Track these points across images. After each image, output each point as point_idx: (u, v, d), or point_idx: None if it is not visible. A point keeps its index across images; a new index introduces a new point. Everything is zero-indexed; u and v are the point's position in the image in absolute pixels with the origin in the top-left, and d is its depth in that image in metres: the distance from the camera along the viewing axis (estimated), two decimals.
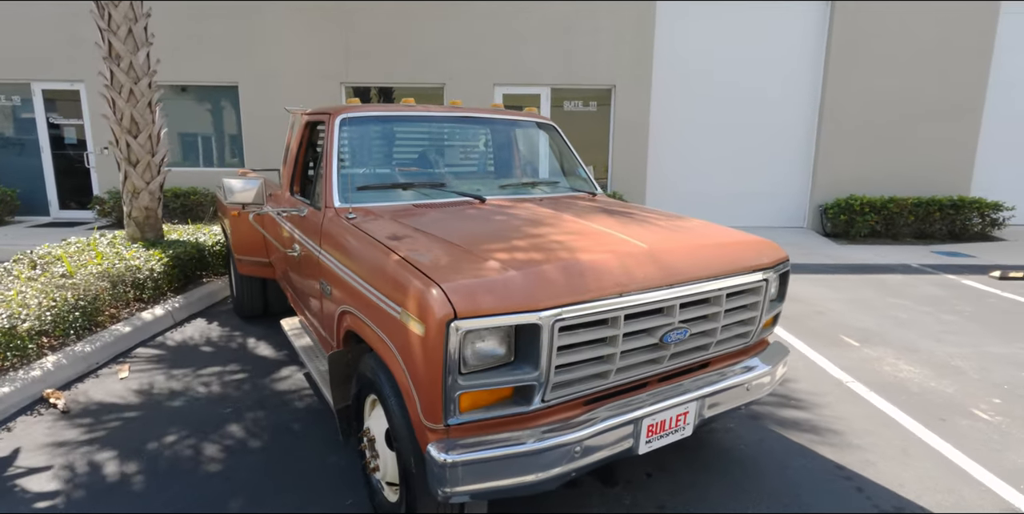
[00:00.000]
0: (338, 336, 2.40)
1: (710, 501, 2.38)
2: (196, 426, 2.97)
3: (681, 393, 2.02)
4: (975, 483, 2.54)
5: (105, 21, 4.88)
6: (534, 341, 1.65)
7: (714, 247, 2.14)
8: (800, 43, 8.85)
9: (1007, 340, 4.36)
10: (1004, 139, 9.11)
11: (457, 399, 1.62)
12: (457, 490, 1.65)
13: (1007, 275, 6.36)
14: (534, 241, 2.02)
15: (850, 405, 3.29)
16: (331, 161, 2.67)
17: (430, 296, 1.59)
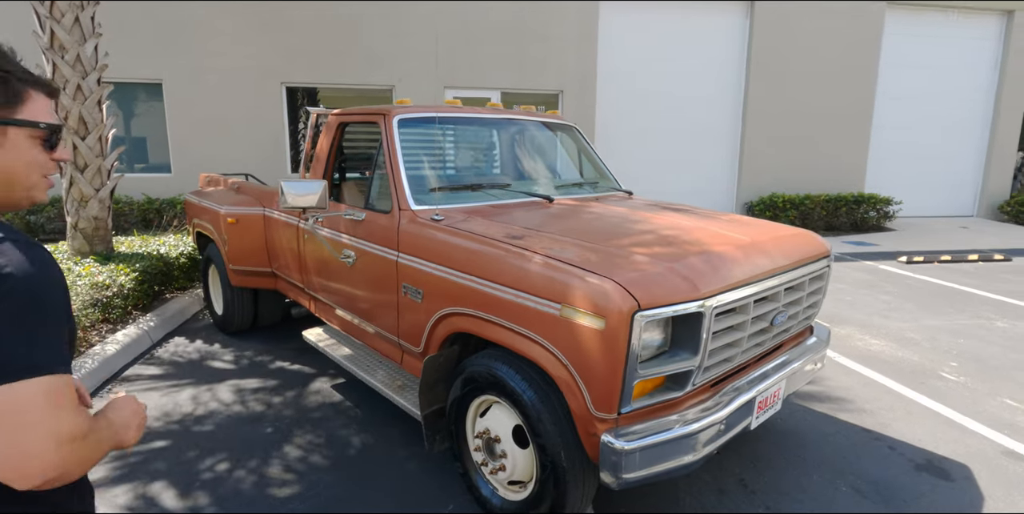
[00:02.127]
0: (430, 341, 2.37)
1: (781, 470, 2.63)
2: (243, 450, 2.76)
3: (777, 371, 2.24)
4: (971, 432, 3.00)
5: (47, 8, 4.33)
6: (693, 329, 1.77)
7: (790, 238, 2.37)
8: (726, 56, 9.67)
9: (936, 314, 5.10)
10: (889, 142, 10.52)
11: (631, 388, 1.70)
12: (630, 476, 1.73)
13: (912, 260, 7.38)
14: (648, 237, 2.14)
15: (846, 377, 3.72)
16: (397, 163, 2.61)
17: (609, 291, 1.66)
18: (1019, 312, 5.13)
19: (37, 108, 0.90)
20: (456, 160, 3.02)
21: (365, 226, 2.71)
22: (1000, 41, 10.54)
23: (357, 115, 3.03)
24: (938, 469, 2.66)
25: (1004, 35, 10.48)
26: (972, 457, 2.76)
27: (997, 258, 7.50)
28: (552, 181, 3.18)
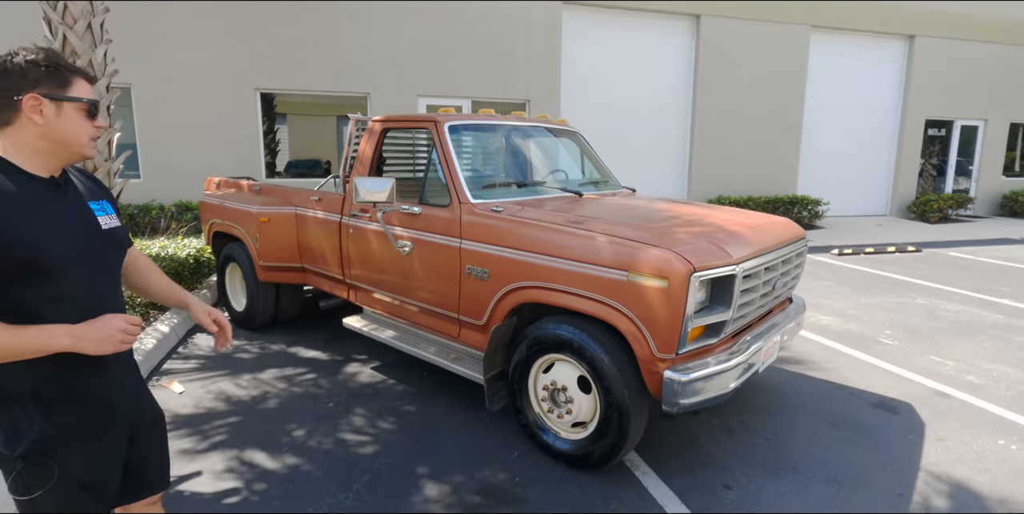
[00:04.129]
0: (494, 313, 2.80)
1: (772, 414, 3.23)
2: (313, 421, 3.08)
3: (775, 327, 2.83)
4: (909, 380, 3.73)
5: (60, 14, 4.42)
6: (727, 288, 2.32)
7: (778, 223, 2.99)
8: (676, 69, 10.57)
9: (869, 294, 5.98)
10: (816, 150, 11.77)
11: (688, 333, 2.22)
12: (686, 402, 2.25)
13: (842, 252, 8.43)
14: (677, 221, 2.69)
15: (807, 344, 4.42)
16: (452, 163, 3.04)
17: (672, 259, 2.18)
18: (933, 291, 6.11)
19: (81, 89, 1.27)
20: (494, 161, 3.46)
21: (423, 219, 3.11)
22: (904, 62, 12.06)
23: (402, 122, 3.42)
24: (889, 406, 3.35)
25: (907, 57, 12.00)
26: (912, 397, 3.48)
27: (910, 249, 8.68)
28: (570, 179, 3.68)
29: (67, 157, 1.30)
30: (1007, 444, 2.94)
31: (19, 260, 1.16)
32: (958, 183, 13.22)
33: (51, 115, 1.24)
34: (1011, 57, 12.69)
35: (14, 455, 1.22)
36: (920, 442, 2.94)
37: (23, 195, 1.20)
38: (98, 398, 1.34)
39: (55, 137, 1.25)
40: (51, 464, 1.25)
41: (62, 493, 1.28)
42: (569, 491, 2.49)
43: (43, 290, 1.22)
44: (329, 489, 2.46)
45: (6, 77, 1.21)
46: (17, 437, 1.22)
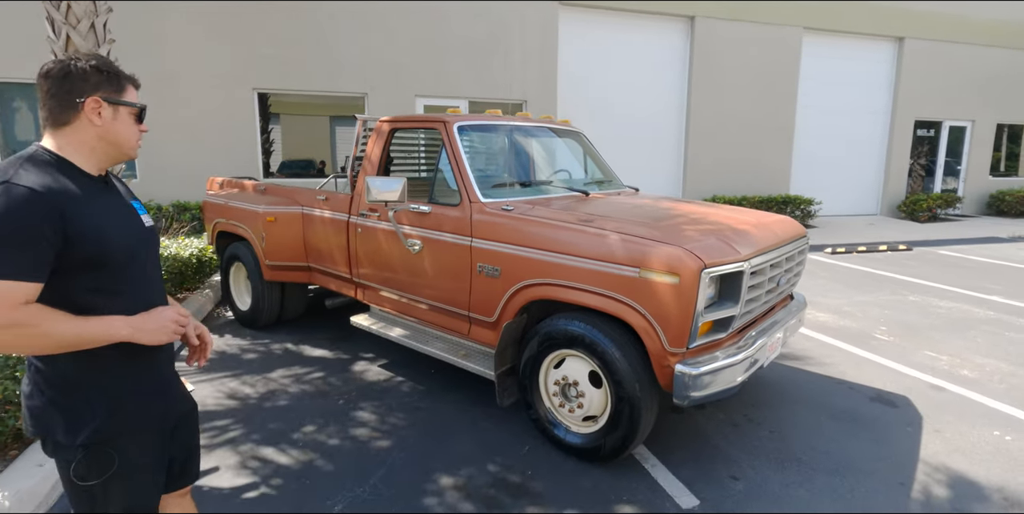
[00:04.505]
0: (505, 310, 2.86)
1: (775, 408, 3.31)
2: (324, 417, 3.11)
3: (778, 323, 2.90)
4: (905, 374, 3.82)
5: (63, 13, 4.41)
6: (735, 284, 2.39)
7: (780, 222, 3.06)
8: (671, 71, 10.66)
9: (863, 292, 6.10)
10: (808, 150, 11.91)
11: (699, 327, 2.28)
12: (697, 395, 2.31)
13: (835, 251, 8.56)
14: (684, 219, 2.75)
15: (806, 341, 4.51)
16: (462, 163, 3.09)
17: (683, 256, 2.24)
18: (924, 289, 6.23)
19: (132, 95, 1.36)
20: (501, 160, 3.51)
21: (432, 218, 3.15)
22: (893, 64, 12.25)
23: (410, 122, 3.47)
24: (886, 400, 3.44)
25: (896, 59, 12.19)
26: (908, 391, 3.57)
27: (901, 248, 8.82)
28: (574, 178, 3.74)
29: (117, 157, 1.37)
30: (1002, 435, 3.03)
31: (86, 253, 1.21)
32: (946, 183, 13.43)
33: (108, 118, 1.31)
34: (998, 59, 12.91)
35: (75, 444, 1.26)
36: (918, 434, 3.03)
37: (85, 192, 1.25)
38: (151, 389, 1.39)
39: (111, 138, 1.32)
40: (111, 453, 1.30)
41: (120, 482, 1.32)
42: (581, 483, 2.54)
43: (103, 283, 1.27)
44: (346, 483, 2.51)
45: (68, 80, 1.27)
46: (78, 427, 1.27)
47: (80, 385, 1.28)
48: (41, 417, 1.28)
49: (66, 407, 1.27)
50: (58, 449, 1.29)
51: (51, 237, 1.16)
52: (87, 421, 1.27)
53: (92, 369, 1.28)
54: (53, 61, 1.29)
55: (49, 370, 1.27)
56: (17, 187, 1.14)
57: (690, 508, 2.38)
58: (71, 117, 1.28)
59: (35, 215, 1.14)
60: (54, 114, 1.28)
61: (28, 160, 1.23)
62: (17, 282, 1.13)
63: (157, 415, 1.40)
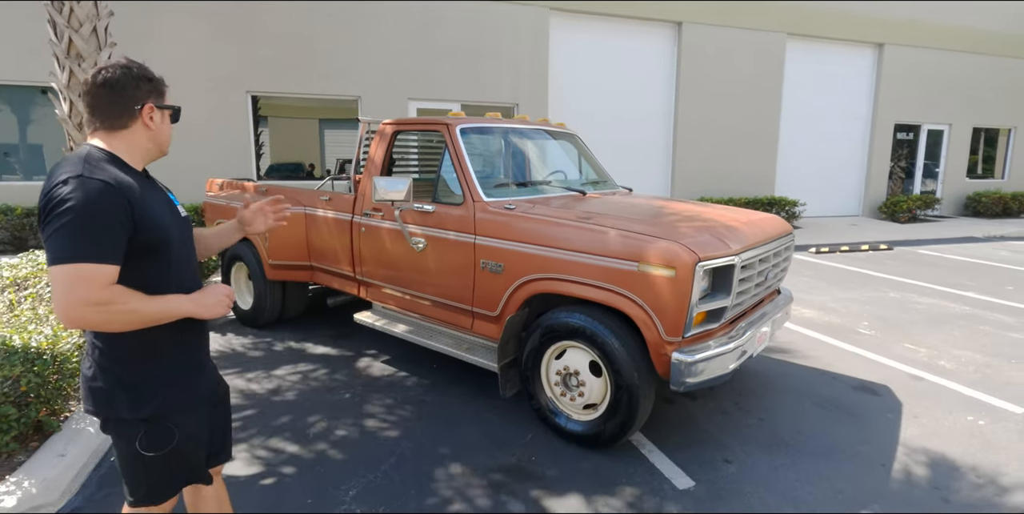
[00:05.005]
0: (508, 304, 2.98)
1: (762, 397, 3.47)
2: (333, 411, 3.21)
3: (767, 315, 3.06)
4: (886, 365, 4.01)
5: (65, 17, 4.48)
6: (726, 277, 2.54)
7: (768, 219, 3.23)
8: (659, 76, 10.89)
9: (846, 289, 6.31)
10: (792, 153, 12.20)
11: (693, 317, 2.43)
12: (692, 381, 2.46)
13: (819, 250, 8.80)
14: (678, 217, 2.90)
15: (791, 335, 4.69)
16: (465, 164, 3.21)
17: (679, 250, 2.39)
18: (904, 286, 6.47)
19: (167, 99, 1.51)
20: (500, 161, 3.65)
21: (436, 217, 3.27)
22: (873, 69, 12.59)
23: (412, 125, 3.59)
24: (869, 389, 3.61)
25: (876, 64, 12.54)
26: (889, 380, 3.75)
27: (882, 248, 9.10)
28: (570, 178, 3.88)
29: (156, 155, 1.52)
30: (975, 420, 3.22)
31: (147, 239, 1.34)
32: (925, 185, 13.81)
33: (158, 121, 1.46)
34: (974, 65, 13.33)
35: (137, 418, 1.38)
36: (898, 419, 3.20)
37: (140, 186, 1.37)
38: (200, 366, 1.52)
39: (158, 139, 1.48)
40: (172, 428, 1.42)
41: (177, 454, 1.44)
42: (582, 467, 2.68)
43: (161, 267, 1.40)
44: (358, 470, 2.61)
45: (127, 90, 1.40)
46: (143, 402, 1.38)
47: (143, 363, 1.40)
48: (106, 396, 1.39)
49: (131, 385, 1.38)
50: (121, 425, 1.40)
51: (124, 223, 1.28)
52: (151, 397, 1.39)
53: (152, 348, 1.40)
54: (107, 70, 1.40)
55: (114, 351, 1.38)
56: (92, 180, 1.26)
57: (686, 488, 2.52)
58: (129, 122, 1.42)
59: (111, 204, 1.26)
60: (111, 119, 1.41)
61: (91, 158, 1.34)
62: (103, 264, 1.25)
63: (206, 390, 1.53)
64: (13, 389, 2.37)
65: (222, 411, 1.64)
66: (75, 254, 1.22)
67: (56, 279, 1.22)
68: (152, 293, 1.34)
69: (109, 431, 1.44)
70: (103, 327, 1.30)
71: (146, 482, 1.46)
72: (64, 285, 1.22)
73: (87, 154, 1.36)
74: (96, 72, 1.40)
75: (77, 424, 2.70)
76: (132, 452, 1.41)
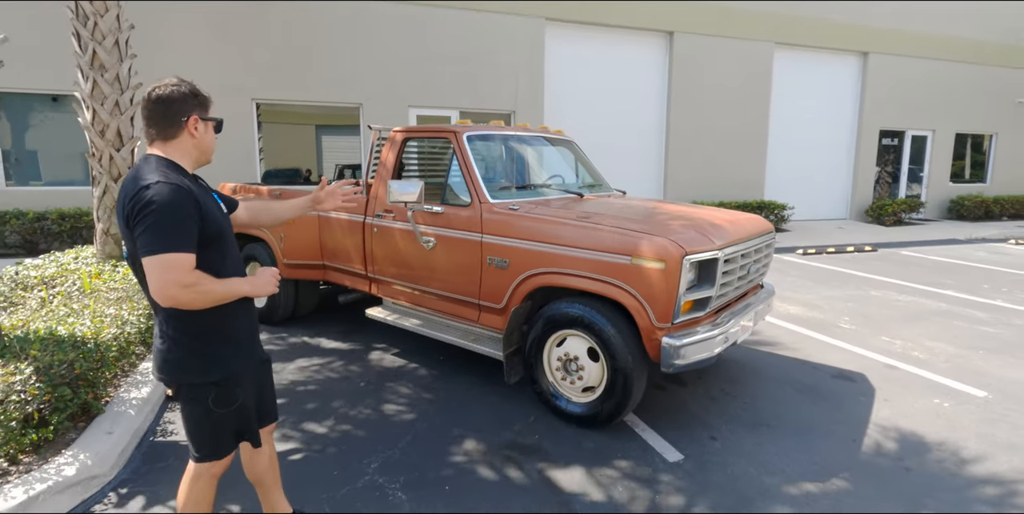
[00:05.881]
0: (512, 297, 3.25)
1: (747, 384, 3.74)
2: (352, 398, 3.46)
3: (749, 306, 3.35)
4: (863, 356, 4.30)
5: (90, 31, 4.74)
6: (711, 270, 2.82)
7: (751, 218, 3.51)
8: (652, 84, 11.23)
9: (831, 288, 6.62)
10: (781, 159, 12.55)
11: (681, 306, 2.70)
12: (680, 362, 2.73)
13: (806, 252, 9.13)
14: (668, 216, 3.18)
15: (776, 330, 4.98)
16: (472, 168, 3.49)
17: (668, 245, 2.67)
18: (886, 285, 6.78)
19: (212, 112, 1.77)
20: (504, 166, 3.92)
21: (445, 217, 3.54)
22: (859, 77, 13.00)
23: (422, 132, 3.86)
24: (846, 377, 3.90)
25: (861, 72, 12.94)
26: (866, 369, 4.04)
27: (867, 249, 9.44)
28: (567, 182, 4.16)
29: (202, 161, 1.80)
30: (941, 402, 3.50)
31: (208, 232, 1.61)
32: (911, 189, 14.20)
33: (202, 131, 1.73)
34: (956, 72, 13.76)
35: (207, 381, 1.64)
36: (871, 402, 3.48)
37: (195, 186, 1.65)
38: (254, 338, 1.82)
39: (202, 147, 1.76)
40: (236, 389, 1.69)
41: (239, 413, 1.72)
42: (583, 444, 2.94)
43: (219, 256, 1.67)
44: (377, 447, 2.86)
45: (176, 104, 1.67)
46: (213, 368, 1.65)
47: (209, 336, 1.66)
48: (180, 365, 1.65)
49: (202, 354, 1.65)
50: (192, 389, 1.66)
51: (195, 218, 1.55)
52: (218, 363, 1.66)
53: (216, 324, 1.67)
54: (160, 88, 1.68)
55: (185, 327, 1.64)
56: (168, 184, 1.53)
57: (676, 461, 2.79)
58: (177, 132, 1.69)
59: (185, 204, 1.53)
60: (164, 129, 1.68)
61: (161, 165, 1.61)
62: (185, 253, 1.51)
63: (257, 357, 1.82)
64: (69, 371, 2.61)
65: (266, 373, 1.92)
66: (165, 246, 1.48)
67: (151, 267, 1.48)
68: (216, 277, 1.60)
69: (181, 396, 1.69)
70: (189, 304, 1.56)
71: (210, 440, 1.72)
72: (159, 271, 1.48)
73: (156, 162, 1.63)
74: (151, 90, 1.68)
75: (118, 407, 2.94)
76: (203, 412, 1.67)
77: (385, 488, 2.52)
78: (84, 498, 2.36)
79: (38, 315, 3.47)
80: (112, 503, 2.38)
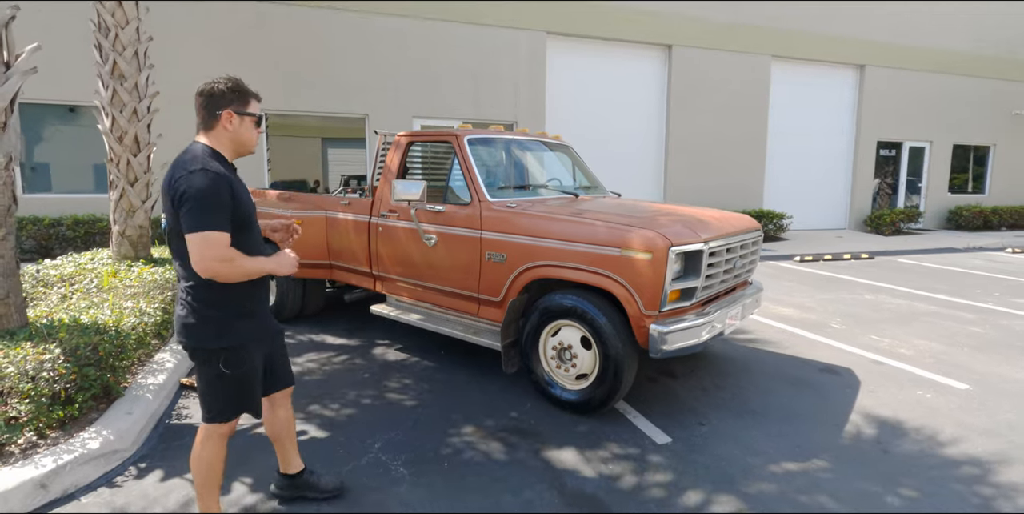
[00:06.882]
0: (510, 290, 3.42)
1: (738, 377, 3.89)
2: (357, 387, 3.62)
3: (736, 300, 3.50)
4: (851, 353, 4.43)
5: (111, 42, 5.00)
6: (696, 261, 2.99)
7: (738, 217, 3.69)
8: (651, 95, 11.49)
9: (825, 291, 6.76)
10: (780, 168, 12.75)
11: (668, 295, 2.87)
12: (668, 348, 2.89)
13: (803, 259, 9.27)
14: (657, 213, 3.36)
15: (768, 330, 5.12)
16: (472, 169, 3.69)
17: (655, 237, 2.84)
18: (879, 289, 6.91)
19: (254, 107, 1.95)
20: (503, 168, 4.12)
21: (446, 215, 3.73)
22: (856, 89, 13.24)
23: (425, 136, 4.07)
24: (833, 371, 4.03)
25: (858, 84, 13.19)
26: (852, 364, 4.18)
27: (864, 257, 9.57)
28: (564, 185, 4.35)
29: (241, 152, 1.99)
30: (923, 394, 3.63)
31: (240, 216, 1.82)
32: (910, 199, 14.35)
33: (236, 124, 1.92)
34: (952, 85, 13.99)
35: (219, 346, 1.85)
36: (856, 393, 3.62)
37: (231, 174, 1.86)
38: (265, 312, 2.02)
39: (238, 139, 1.94)
40: (245, 355, 1.89)
41: (246, 379, 1.92)
42: (576, 428, 3.08)
43: (249, 237, 1.88)
44: (380, 429, 3.02)
45: (213, 98, 1.88)
46: (224, 335, 1.87)
47: (223, 307, 1.87)
48: (196, 330, 1.86)
49: (217, 321, 1.86)
50: (206, 353, 1.87)
51: (229, 202, 1.77)
52: (231, 329, 1.87)
53: (235, 295, 1.88)
54: (206, 84, 1.90)
55: (204, 298, 1.84)
56: (210, 171, 1.75)
57: (664, 443, 2.93)
58: (214, 124, 1.90)
59: (223, 188, 1.75)
60: (204, 121, 1.90)
61: (204, 153, 1.82)
62: (222, 232, 1.73)
63: (268, 331, 2.02)
64: (93, 354, 2.79)
65: (280, 342, 2.13)
66: (205, 225, 1.70)
67: (193, 243, 1.71)
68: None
69: (196, 358, 1.91)
70: (224, 277, 1.76)
71: (218, 401, 1.92)
72: (200, 247, 1.70)
73: (200, 150, 1.84)
74: (201, 85, 1.90)
75: (136, 392, 3.11)
76: (214, 374, 1.87)
77: (388, 464, 2.67)
78: (107, 470, 2.52)
79: (60, 308, 3.66)
80: (132, 475, 2.54)
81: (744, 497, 2.46)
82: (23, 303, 3.26)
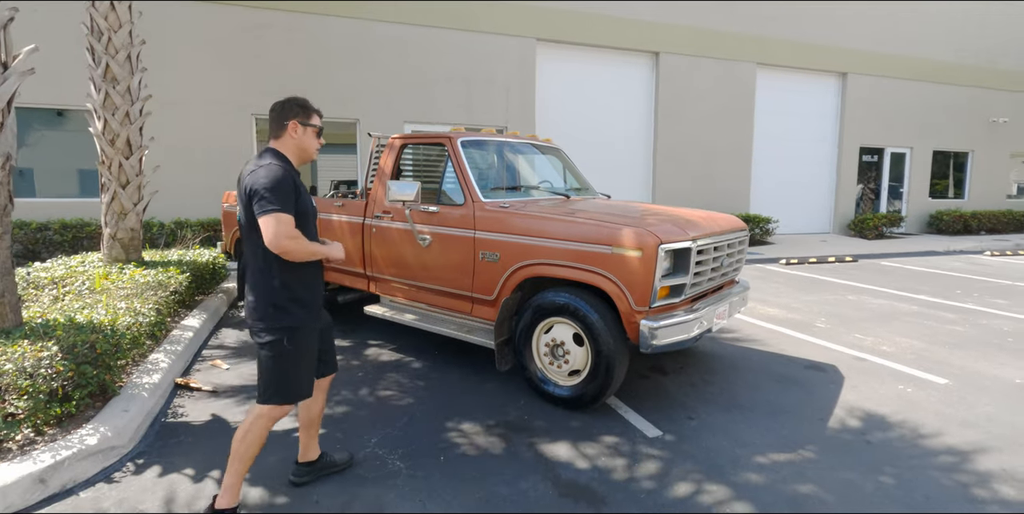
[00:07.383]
0: (503, 289, 3.49)
1: (726, 374, 3.97)
2: (353, 385, 3.66)
3: (724, 297, 3.60)
4: (835, 350, 4.54)
5: (104, 45, 5.02)
6: (685, 259, 3.07)
7: (725, 217, 3.79)
8: (639, 102, 11.67)
9: (809, 293, 6.89)
10: (765, 174, 12.97)
11: (658, 291, 2.95)
12: (658, 343, 2.96)
13: (789, 262, 9.43)
14: (647, 212, 3.45)
15: (755, 329, 5.22)
16: (465, 170, 3.75)
17: (645, 235, 2.92)
18: (862, 290, 7.06)
19: (315, 120, 2.23)
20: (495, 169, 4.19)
21: (440, 216, 3.79)
22: (838, 96, 13.53)
23: (419, 139, 4.14)
24: (818, 368, 4.14)
25: (841, 91, 13.48)
26: (836, 361, 4.28)
27: (848, 260, 9.76)
28: (555, 186, 4.43)
29: (304, 159, 2.25)
30: (904, 388, 3.74)
31: (300, 208, 2.07)
32: (892, 204, 14.65)
33: (300, 133, 2.18)
34: (932, 92, 14.35)
35: (281, 326, 2.05)
36: (839, 388, 3.72)
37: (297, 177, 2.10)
38: (320, 305, 2.22)
39: (302, 146, 2.20)
40: (306, 334, 2.11)
41: (306, 356, 2.13)
42: (569, 423, 3.14)
43: (307, 227, 2.12)
44: (377, 425, 3.06)
45: (283, 111, 2.16)
46: (285, 317, 2.07)
47: (290, 291, 2.08)
48: (262, 312, 2.07)
49: (281, 305, 2.07)
50: (270, 331, 2.05)
51: (293, 194, 2.02)
52: (292, 313, 2.08)
53: (297, 282, 2.11)
54: (278, 101, 2.19)
55: (272, 281, 2.07)
56: (279, 167, 2.03)
57: (655, 436, 3.00)
58: (282, 132, 2.17)
59: (289, 181, 2.02)
60: (274, 131, 2.18)
61: (275, 156, 2.10)
62: (289, 215, 1.98)
63: (324, 320, 2.25)
64: (91, 351, 2.80)
65: (330, 334, 2.38)
66: (277, 208, 1.97)
67: (267, 223, 1.96)
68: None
69: (263, 336, 2.08)
70: (292, 254, 2.01)
71: (277, 380, 2.09)
72: (273, 225, 1.96)
73: (272, 153, 2.12)
74: (274, 102, 2.19)
75: (132, 391, 3.12)
76: (276, 352, 2.05)
77: (385, 458, 2.71)
78: (105, 466, 2.54)
79: (53, 308, 3.66)
80: (130, 471, 2.56)
81: (733, 486, 2.53)
82: (18, 303, 3.27)
